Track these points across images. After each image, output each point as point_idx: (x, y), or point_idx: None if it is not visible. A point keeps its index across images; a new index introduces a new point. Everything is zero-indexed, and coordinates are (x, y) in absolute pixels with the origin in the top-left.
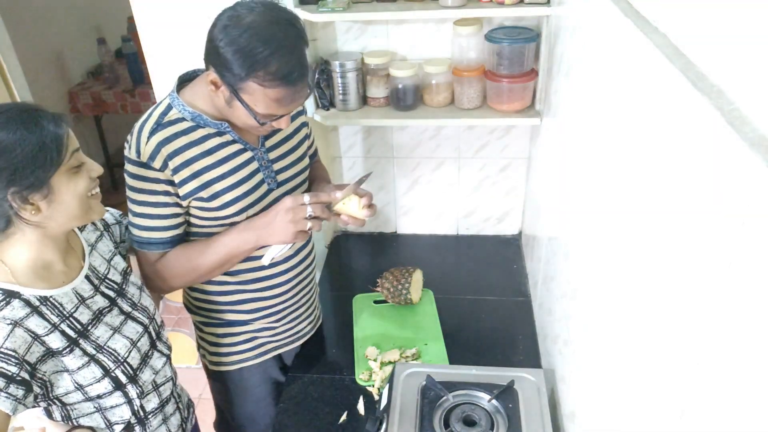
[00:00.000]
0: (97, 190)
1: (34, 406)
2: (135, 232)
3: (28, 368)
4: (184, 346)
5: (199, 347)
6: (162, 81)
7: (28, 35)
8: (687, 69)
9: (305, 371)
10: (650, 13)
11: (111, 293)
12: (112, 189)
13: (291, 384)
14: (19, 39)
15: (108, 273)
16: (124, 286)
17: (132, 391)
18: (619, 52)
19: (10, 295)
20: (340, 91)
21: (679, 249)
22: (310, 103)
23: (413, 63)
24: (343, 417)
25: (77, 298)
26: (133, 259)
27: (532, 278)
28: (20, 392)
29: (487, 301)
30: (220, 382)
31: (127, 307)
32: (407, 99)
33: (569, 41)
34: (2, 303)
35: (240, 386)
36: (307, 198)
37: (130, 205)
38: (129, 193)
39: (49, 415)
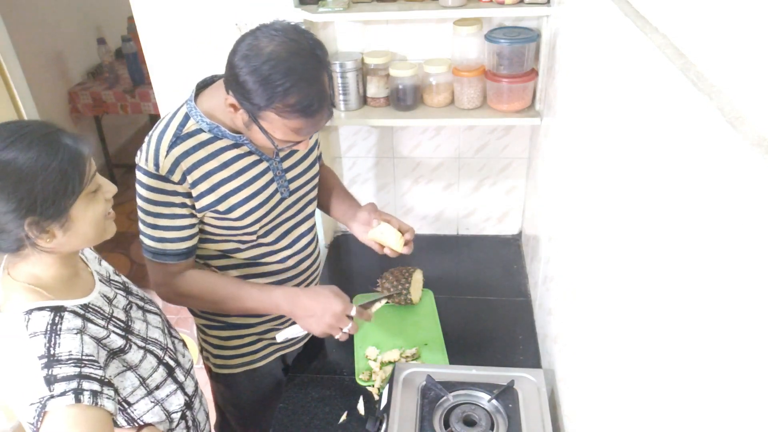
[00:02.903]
0: (112, 210)
1: None
2: (149, 243)
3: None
4: None
5: (202, 350)
6: (162, 81)
7: (28, 35)
8: (687, 69)
9: (305, 371)
10: (650, 13)
11: (122, 292)
12: None
13: (291, 384)
14: (19, 39)
15: (109, 276)
16: (127, 285)
17: (180, 374)
18: (619, 52)
19: (58, 310)
20: (340, 91)
21: (679, 249)
22: None
23: (413, 63)
24: (343, 417)
25: (106, 300)
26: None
27: (532, 278)
28: (112, 392)
29: (487, 301)
30: (223, 384)
31: (139, 302)
32: (407, 99)
33: (569, 41)
34: (57, 318)
35: (243, 388)
36: (353, 311)
37: (144, 216)
38: (143, 204)
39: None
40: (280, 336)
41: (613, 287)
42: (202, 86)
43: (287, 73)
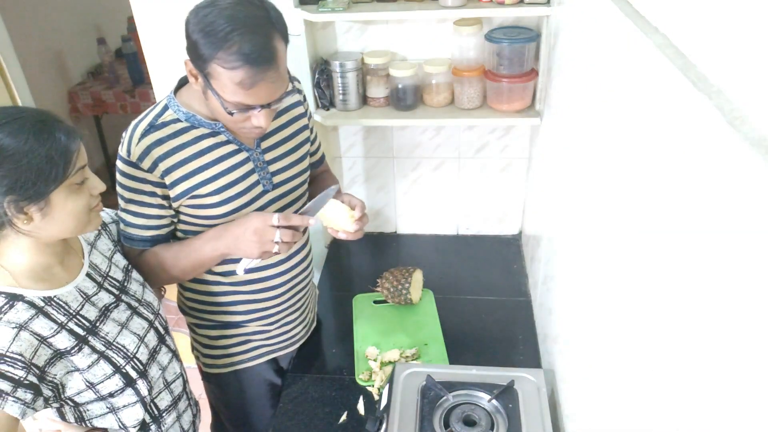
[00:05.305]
0: (98, 203)
1: (47, 407)
2: (121, 225)
3: (37, 372)
4: (184, 346)
5: (193, 349)
6: (162, 81)
7: (28, 35)
8: (687, 69)
9: (305, 371)
10: (650, 13)
11: (114, 290)
12: (112, 189)
13: (290, 384)
14: (19, 39)
15: (110, 271)
16: (126, 284)
17: (143, 388)
18: (619, 52)
19: (14, 298)
20: (340, 91)
21: (679, 248)
22: (310, 103)
23: (413, 63)
24: (343, 417)
25: (82, 296)
26: None
27: (532, 278)
28: (28, 396)
29: (487, 301)
30: (214, 383)
31: (133, 303)
32: (407, 99)
33: (569, 41)
34: (6, 306)
35: (234, 388)
36: (275, 220)
37: (119, 200)
38: (118, 189)
39: (62, 416)
40: (239, 269)
41: (614, 287)
42: (185, 81)
43: (230, 19)
